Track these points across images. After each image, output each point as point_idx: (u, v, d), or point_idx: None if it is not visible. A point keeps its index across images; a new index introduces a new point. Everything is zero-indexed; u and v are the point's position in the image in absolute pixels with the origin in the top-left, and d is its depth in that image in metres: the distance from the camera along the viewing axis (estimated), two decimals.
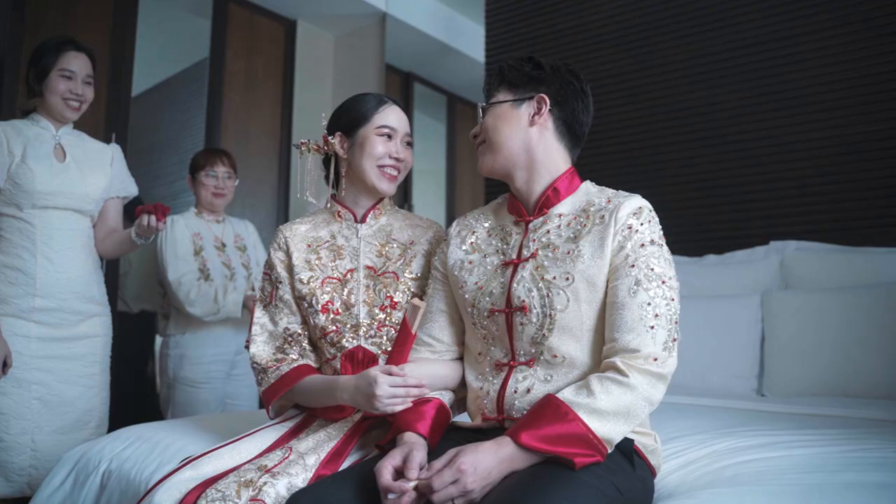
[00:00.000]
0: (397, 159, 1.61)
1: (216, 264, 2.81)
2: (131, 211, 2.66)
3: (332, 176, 1.65)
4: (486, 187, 3.81)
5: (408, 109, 3.31)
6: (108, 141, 2.44)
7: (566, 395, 1.22)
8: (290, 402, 1.61)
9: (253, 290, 2.90)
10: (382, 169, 1.59)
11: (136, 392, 3.60)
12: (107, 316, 2.28)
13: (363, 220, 1.64)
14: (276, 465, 1.30)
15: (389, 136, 1.60)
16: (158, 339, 4.04)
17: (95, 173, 2.24)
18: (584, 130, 1.46)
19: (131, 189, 2.41)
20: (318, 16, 4.32)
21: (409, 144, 1.65)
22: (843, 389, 2.30)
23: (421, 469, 1.18)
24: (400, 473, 1.19)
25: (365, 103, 1.63)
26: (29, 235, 2.11)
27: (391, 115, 1.62)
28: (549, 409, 1.20)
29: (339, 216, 1.66)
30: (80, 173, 2.20)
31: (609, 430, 1.18)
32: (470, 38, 4.57)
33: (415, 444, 1.24)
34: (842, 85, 2.78)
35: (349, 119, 1.62)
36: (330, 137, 1.63)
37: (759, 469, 1.30)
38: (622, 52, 3.37)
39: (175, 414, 2.78)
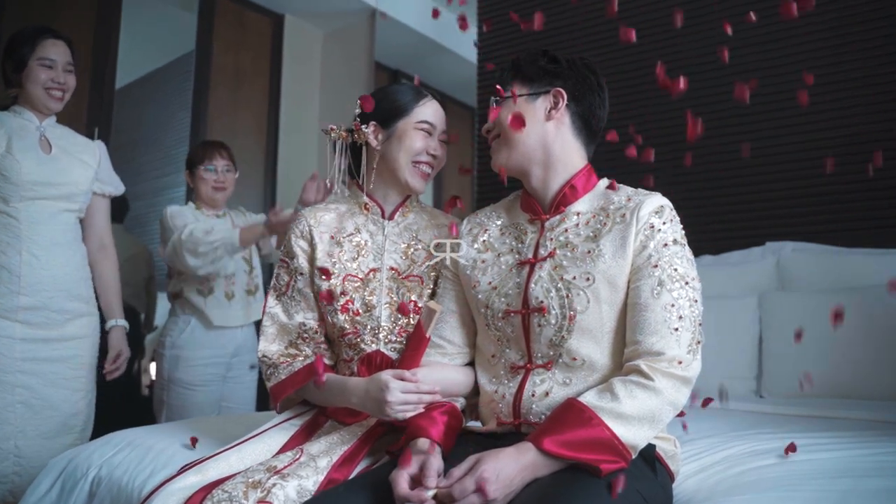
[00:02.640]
0: (433, 156, 1.54)
1: None
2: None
3: (362, 166, 1.57)
4: (479, 186, 3.78)
5: None
6: (90, 136, 2.36)
7: (589, 398, 1.18)
8: (298, 397, 1.54)
9: (256, 289, 2.82)
10: (417, 165, 1.52)
11: (122, 394, 3.51)
12: (94, 315, 2.20)
13: (391, 218, 1.57)
14: (286, 467, 1.24)
15: (429, 133, 1.53)
16: (146, 339, 3.96)
17: (82, 165, 2.17)
18: (601, 126, 1.43)
19: (119, 187, 2.35)
20: (307, 11, 4.25)
21: (445, 142, 1.58)
22: (842, 391, 2.29)
23: (438, 476, 1.13)
24: (416, 481, 1.14)
25: (403, 95, 1.55)
26: (14, 231, 2.02)
27: (431, 110, 1.54)
28: (572, 413, 1.16)
29: (366, 209, 1.57)
30: (68, 164, 2.12)
31: (634, 436, 1.14)
32: (461, 37, 4.52)
33: (430, 451, 1.19)
34: (838, 86, 2.77)
35: (386, 110, 1.54)
36: (363, 126, 1.55)
37: (780, 474, 1.27)
38: (616, 51, 3.34)
39: (169, 416, 2.70)
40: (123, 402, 3.65)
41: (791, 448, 1.30)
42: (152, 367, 3.52)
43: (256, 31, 4.10)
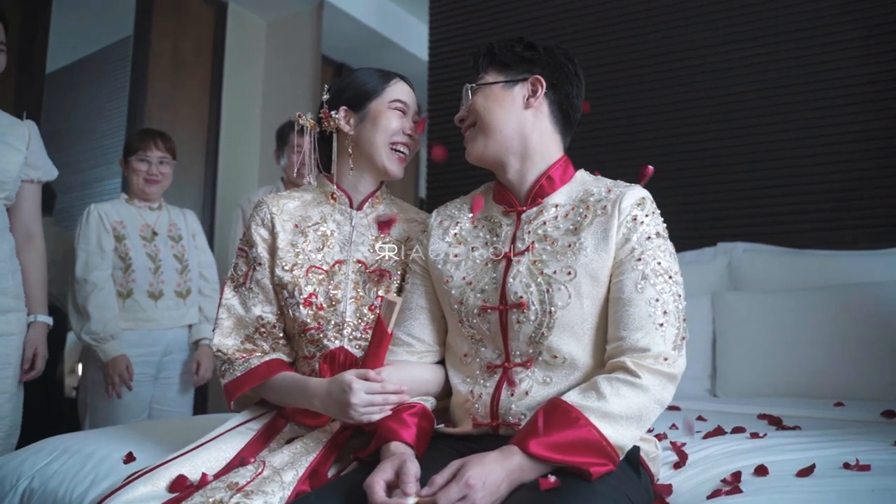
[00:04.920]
0: (410, 136, 1.49)
1: (140, 255, 2.58)
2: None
3: (333, 154, 1.50)
4: (428, 183, 3.71)
5: None
6: None
7: (573, 398, 1.12)
8: (255, 396, 1.45)
9: (188, 293, 2.68)
10: (394, 147, 1.47)
11: (44, 398, 3.29)
12: (22, 311, 2.03)
13: (359, 208, 1.50)
14: (248, 483, 1.14)
15: (403, 112, 1.48)
16: (70, 339, 3.74)
17: (11, 150, 1.99)
18: (577, 116, 1.38)
19: (51, 172, 2.17)
20: None
21: (418, 123, 1.52)
22: (794, 390, 2.31)
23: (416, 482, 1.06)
24: (392, 488, 1.06)
25: (371, 76, 1.49)
26: None
27: (403, 90, 1.50)
28: (558, 413, 1.10)
29: (333, 198, 1.50)
30: None
31: (622, 436, 1.09)
32: (410, 33, 4.45)
33: (405, 455, 1.12)
34: (790, 90, 2.81)
35: (357, 92, 1.48)
36: (332, 112, 1.48)
37: (762, 476, 1.24)
38: (570, 49, 3.33)
39: (94, 420, 2.54)
40: (47, 406, 3.44)
41: (809, 470, 1.23)
42: (80, 368, 3.33)
43: (197, 17, 3.92)
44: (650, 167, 1.39)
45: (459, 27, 3.70)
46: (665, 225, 1.28)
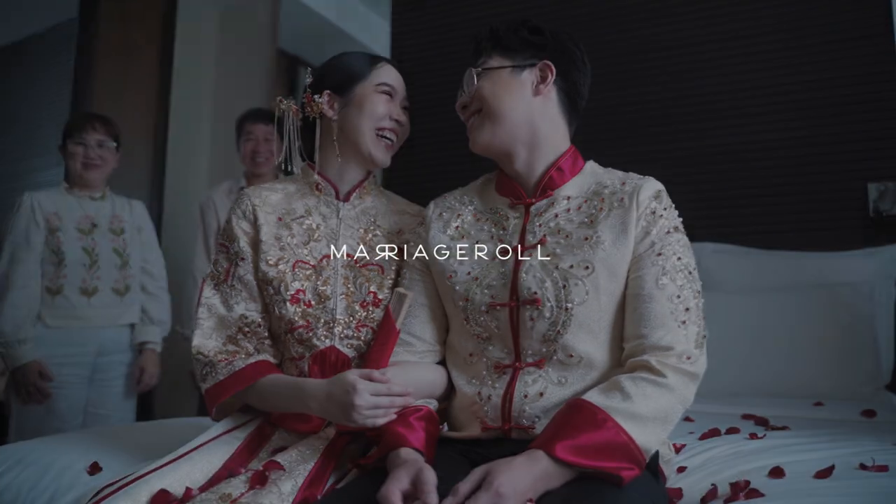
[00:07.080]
0: (398, 122, 1.40)
1: (74, 249, 2.41)
2: None
3: (317, 141, 1.41)
4: (385, 178, 3.61)
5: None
6: None
7: (597, 398, 1.06)
8: (237, 403, 1.33)
9: (127, 289, 2.52)
10: (381, 133, 1.38)
11: None
12: None
13: (346, 199, 1.41)
14: (243, 495, 1.04)
15: (390, 96, 1.39)
16: None
17: None
18: (584, 105, 1.33)
19: None
20: None
21: (407, 109, 1.44)
22: (768, 389, 2.31)
23: None
24: (408, 498, 0.97)
25: (357, 59, 1.41)
26: None
27: (390, 74, 1.41)
28: (583, 415, 1.03)
29: (318, 189, 1.40)
30: None
31: (648, 438, 1.04)
32: (369, 28, 4.36)
33: (419, 462, 1.03)
34: (761, 91, 2.83)
35: (342, 76, 1.39)
36: (316, 97, 1.38)
37: (777, 479, 1.20)
38: None
39: (21, 426, 2.36)
40: None
41: (828, 472, 1.19)
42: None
43: (147, 1, 3.73)
44: None
45: (421, 23, 3.62)
46: (681, 219, 1.23)
